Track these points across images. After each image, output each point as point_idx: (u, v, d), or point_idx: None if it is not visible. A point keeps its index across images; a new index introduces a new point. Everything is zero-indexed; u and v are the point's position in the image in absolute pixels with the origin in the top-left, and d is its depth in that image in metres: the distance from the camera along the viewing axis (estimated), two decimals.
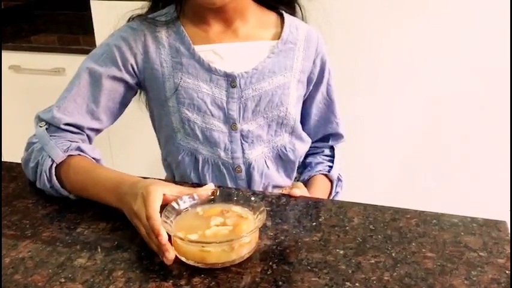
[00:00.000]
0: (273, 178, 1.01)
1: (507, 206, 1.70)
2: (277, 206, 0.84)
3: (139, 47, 0.93)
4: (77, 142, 0.90)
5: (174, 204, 0.73)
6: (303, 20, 1.02)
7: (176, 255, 0.68)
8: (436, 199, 1.78)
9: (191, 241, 0.67)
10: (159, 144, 1.05)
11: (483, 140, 1.76)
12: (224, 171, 0.97)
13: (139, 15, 0.96)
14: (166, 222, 0.69)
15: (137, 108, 1.04)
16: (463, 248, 0.72)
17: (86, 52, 2.00)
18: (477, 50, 1.68)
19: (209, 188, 0.77)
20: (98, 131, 0.97)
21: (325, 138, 1.12)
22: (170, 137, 0.97)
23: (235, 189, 0.85)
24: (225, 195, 0.77)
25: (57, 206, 0.85)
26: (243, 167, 0.98)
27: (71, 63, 2.02)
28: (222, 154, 0.96)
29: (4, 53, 2.11)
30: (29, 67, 2.11)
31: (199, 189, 0.77)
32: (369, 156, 1.86)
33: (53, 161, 0.86)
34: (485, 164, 1.79)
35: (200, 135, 0.95)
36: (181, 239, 0.67)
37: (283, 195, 0.88)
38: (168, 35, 0.94)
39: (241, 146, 0.96)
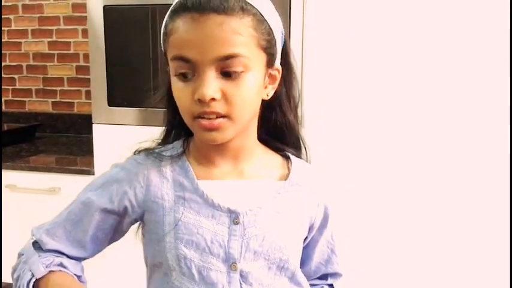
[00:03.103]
0: None
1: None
2: None
3: (141, 180, 0.92)
4: (60, 257, 0.91)
5: None
6: (307, 160, 1.02)
7: None
8: None
9: None
10: (148, 278, 0.99)
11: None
12: None
13: (145, 149, 0.97)
14: None
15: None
16: None
17: (82, 172, 2.07)
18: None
19: None
20: (83, 259, 0.96)
21: (323, 277, 1.10)
22: (165, 275, 0.92)
23: None
24: None
25: None
26: None
27: (67, 183, 2.07)
28: None
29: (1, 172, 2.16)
30: (25, 186, 2.15)
31: None
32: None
33: (32, 275, 0.87)
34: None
35: (196, 275, 0.89)
36: None
37: None
38: (173, 169, 0.93)
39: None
